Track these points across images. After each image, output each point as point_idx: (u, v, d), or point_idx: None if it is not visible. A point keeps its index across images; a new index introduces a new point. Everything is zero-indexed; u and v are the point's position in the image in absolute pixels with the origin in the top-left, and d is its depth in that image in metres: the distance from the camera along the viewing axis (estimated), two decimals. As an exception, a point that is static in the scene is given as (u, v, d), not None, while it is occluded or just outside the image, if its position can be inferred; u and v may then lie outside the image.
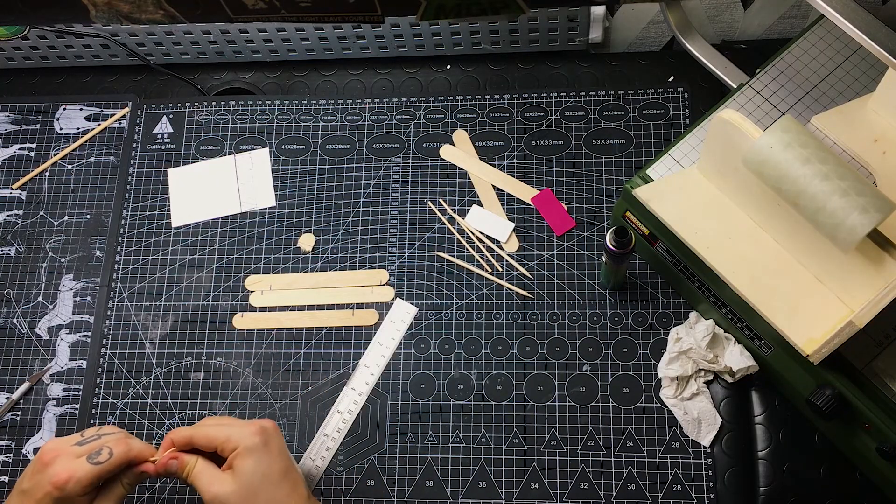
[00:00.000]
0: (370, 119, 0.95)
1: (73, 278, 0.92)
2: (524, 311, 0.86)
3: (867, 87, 0.79)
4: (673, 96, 0.92)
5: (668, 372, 0.80)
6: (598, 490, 0.79)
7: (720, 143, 0.69)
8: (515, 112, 0.93)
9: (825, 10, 0.58)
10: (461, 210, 0.90)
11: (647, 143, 0.90)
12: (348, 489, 0.81)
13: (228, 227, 0.92)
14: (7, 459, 0.86)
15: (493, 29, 0.94)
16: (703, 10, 0.95)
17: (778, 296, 0.71)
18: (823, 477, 0.78)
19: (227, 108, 0.97)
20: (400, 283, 0.88)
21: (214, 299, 0.89)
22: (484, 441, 0.82)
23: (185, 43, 0.98)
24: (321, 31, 0.95)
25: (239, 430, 0.68)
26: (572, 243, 0.88)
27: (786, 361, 0.74)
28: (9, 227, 0.95)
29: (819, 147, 0.63)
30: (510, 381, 0.83)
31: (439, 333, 0.86)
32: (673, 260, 0.79)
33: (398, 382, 0.84)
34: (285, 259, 0.90)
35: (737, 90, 0.81)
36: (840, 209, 0.61)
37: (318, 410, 0.84)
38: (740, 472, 0.79)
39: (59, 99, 1.00)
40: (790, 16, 0.95)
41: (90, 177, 0.96)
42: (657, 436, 0.80)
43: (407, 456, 0.82)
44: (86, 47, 0.99)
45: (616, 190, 0.89)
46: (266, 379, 0.86)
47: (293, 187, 0.93)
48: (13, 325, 0.91)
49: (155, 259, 0.91)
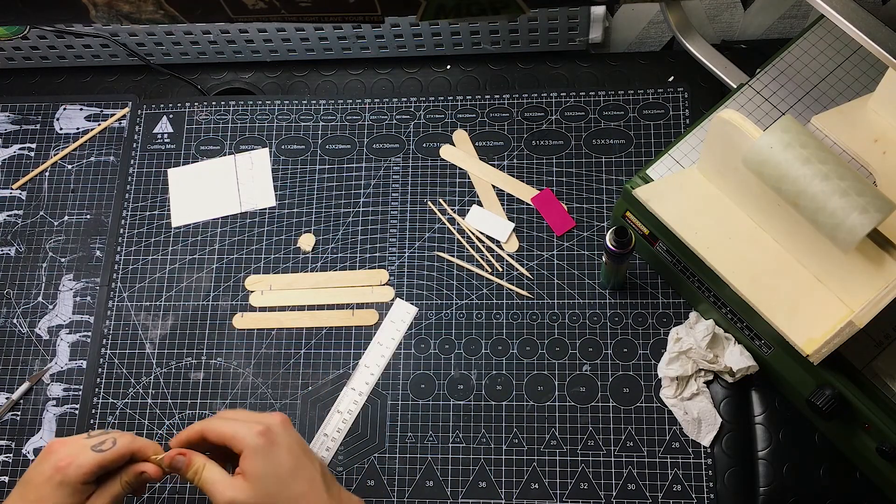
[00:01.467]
0: (370, 119, 0.95)
1: (73, 278, 0.92)
2: (524, 311, 0.86)
3: (867, 87, 0.79)
4: (673, 96, 0.92)
5: (668, 372, 0.80)
6: (598, 490, 0.79)
7: (720, 143, 0.69)
8: (515, 112, 0.93)
9: (825, 10, 0.58)
10: (461, 210, 0.90)
11: (647, 143, 0.90)
12: (348, 489, 0.81)
13: (228, 227, 0.92)
14: (7, 459, 0.86)
15: (493, 29, 0.94)
16: (703, 10, 0.95)
17: (778, 296, 0.71)
18: (823, 477, 0.78)
19: (227, 108, 0.97)
20: (400, 283, 0.88)
21: (214, 299, 0.89)
22: (484, 441, 0.82)
23: (185, 43, 0.98)
24: (321, 31, 0.95)
25: (245, 430, 0.67)
26: (572, 243, 0.88)
27: (786, 361, 0.74)
28: (9, 227, 0.95)
29: (819, 147, 0.63)
30: (510, 381, 0.83)
31: (439, 333, 0.86)
32: (673, 260, 0.79)
33: (398, 382, 0.84)
34: (285, 259, 0.90)
35: (737, 90, 0.81)
36: (840, 209, 0.61)
37: (318, 410, 0.84)
38: (740, 472, 0.79)
39: (59, 99, 1.00)
40: (790, 16, 0.95)
41: (90, 177, 0.96)
42: (657, 436, 0.80)
43: (407, 456, 0.82)
44: (86, 47, 0.99)
45: (616, 190, 0.89)
46: (266, 379, 0.86)
47: (293, 187, 0.93)
48: (13, 325, 0.91)
49: (155, 259, 0.91)
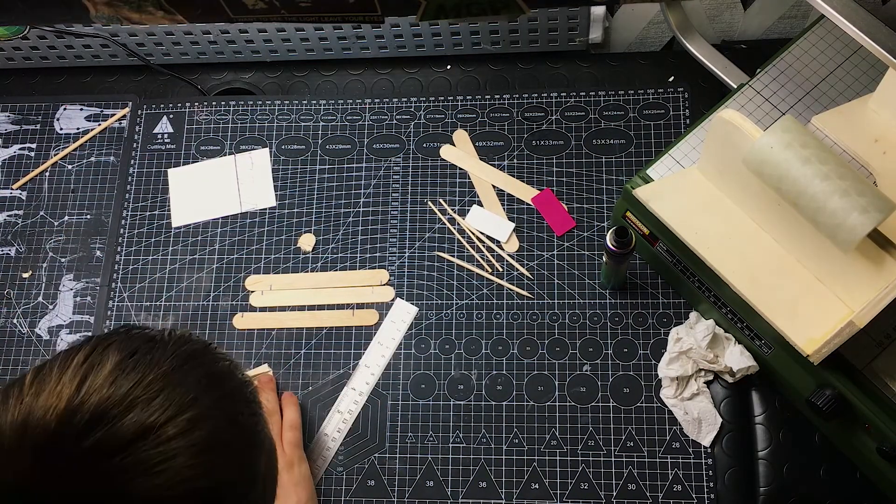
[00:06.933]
0: (370, 119, 0.95)
1: (73, 278, 0.92)
2: (524, 311, 0.86)
3: (867, 87, 0.79)
4: (673, 96, 0.92)
5: (668, 372, 0.80)
6: (599, 490, 0.79)
7: (720, 143, 0.69)
8: (515, 112, 0.93)
9: (825, 10, 0.58)
10: (461, 210, 0.90)
11: (647, 143, 0.90)
12: (348, 489, 0.81)
13: (228, 227, 0.92)
14: (7, 459, 0.86)
15: (493, 29, 0.94)
16: (703, 10, 0.95)
17: (778, 296, 0.71)
18: (823, 477, 0.78)
19: (227, 108, 0.97)
20: (400, 283, 0.88)
21: (215, 299, 0.89)
22: (484, 441, 0.82)
23: (185, 43, 0.98)
24: (321, 31, 0.95)
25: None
26: (572, 243, 0.88)
27: (786, 361, 0.74)
28: (9, 227, 0.95)
29: (819, 147, 0.63)
30: (510, 381, 0.83)
31: (439, 333, 0.86)
32: (673, 260, 0.79)
33: (398, 382, 0.84)
34: (285, 259, 0.90)
35: (737, 90, 0.81)
36: (840, 209, 0.61)
37: (318, 410, 0.84)
38: (740, 472, 0.79)
39: (59, 99, 1.00)
40: (790, 16, 0.95)
41: (90, 177, 0.96)
42: (657, 436, 0.80)
43: (407, 456, 0.82)
44: (86, 47, 0.99)
45: (616, 190, 0.89)
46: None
47: (293, 187, 0.93)
48: (13, 325, 0.91)
49: (155, 259, 0.91)
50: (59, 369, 0.44)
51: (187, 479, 0.43)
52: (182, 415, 0.44)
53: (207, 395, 0.46)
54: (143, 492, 0.42)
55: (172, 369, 0.46)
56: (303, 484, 0.76)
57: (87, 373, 0.44)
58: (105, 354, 0.45)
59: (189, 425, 0.44)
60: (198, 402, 0.45)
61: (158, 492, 0.42)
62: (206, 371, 0.48)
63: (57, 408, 0.42)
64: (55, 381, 0.43)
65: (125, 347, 0.46)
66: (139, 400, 0.43)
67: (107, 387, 0.43)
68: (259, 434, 0.50)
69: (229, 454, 0.46)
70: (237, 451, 0.47)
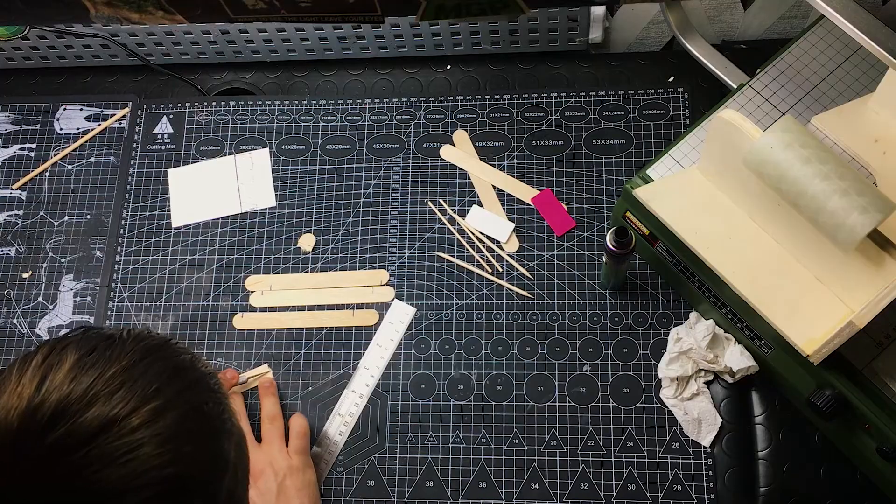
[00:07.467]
0: (370, 119, 0.95)
1: (73, 278, 0.92)
2: (524, 312, 0.86)
3: (867, 87, 0.79)
4: (673, 96, 0.92)
5: (668, 372, 0.80)
6: (599, 490, 0.79)
7: (720, 143, 0.69)
8: (515, 112, 0.93)
9: (825, 10, 0.58)
10: (461, 210, 0.90)
11: (647, 143, 0.90)
12: (348, 489, 0.81)
13: (228, 227, 0.92)
14: (7, 460, 0.86)
15: (493, 29, 0.94)
16: (703, 10, 0.95)
17: (778, 296, 0.71)
18: (823, 477, 0.78)
19: (227, 109, 0.97)
20: (400, 283, 0.88)
21: (215, 300, 0.89)
22: (484, 441, 0.82)
23: (185, 43, 0.98)
24: (321, 31, 0.95)
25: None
26: (572, 243, 0.88)
27: (786, 361, 0.74)
28: (9, 227, 0.95)
29: (819, 147, 0.63)
30: (510, 382, 0.83)
31: (439, 334, 0.86)
32: (673, 260, 0.79)
33: (398, 383, 0.84)
34: (285, 259, 0.90)
35: (737, 90, 0.81)
36: (840, 209, 0.61)
37: (318, 410, 0.84)
38: (740, 472, 0.79)
39: (59, 99, 1.00)
40: (790, 16, 0.95)
41: (90, 177, 0.96)
42: (657, 436, 0.80)
43: (407, 456, 0.82)
44: (86, 47, 0.99)
45: (616, 190, 0.89)
46: (266, 379, 0.86)
47: (293, 187, 0.93)
48: (13, 325, 0.91)
49: (155, 259, 0.91)
50: (17, 372, 0.45)
51: (154, 468, 0.44)
52: (145, 406, 0.44)
53: (170, 386, 0.46)
54: (111, 483, 0.42)
55: (133, 363, 0.46)
56: (306, 490, 0.76)
57: (47, 372, 0.44)
58: (63, 354, 0.46)
59: (153, 415, 0.44)
60: (161, 392, 0.45)
61: (125, 482, 0.43)
62: (168, 364, 0.48)
63: (18, 408, 0.43)
64: (14, 383, 0.44)
65: (83, 346, 0.46)
66: (101, 394, 0.44)
67: (67, 384, 0.44)
68: (225, 422, 0.50)
69: (196, 442, 0.47)
70: (203, 438, 0.48)
